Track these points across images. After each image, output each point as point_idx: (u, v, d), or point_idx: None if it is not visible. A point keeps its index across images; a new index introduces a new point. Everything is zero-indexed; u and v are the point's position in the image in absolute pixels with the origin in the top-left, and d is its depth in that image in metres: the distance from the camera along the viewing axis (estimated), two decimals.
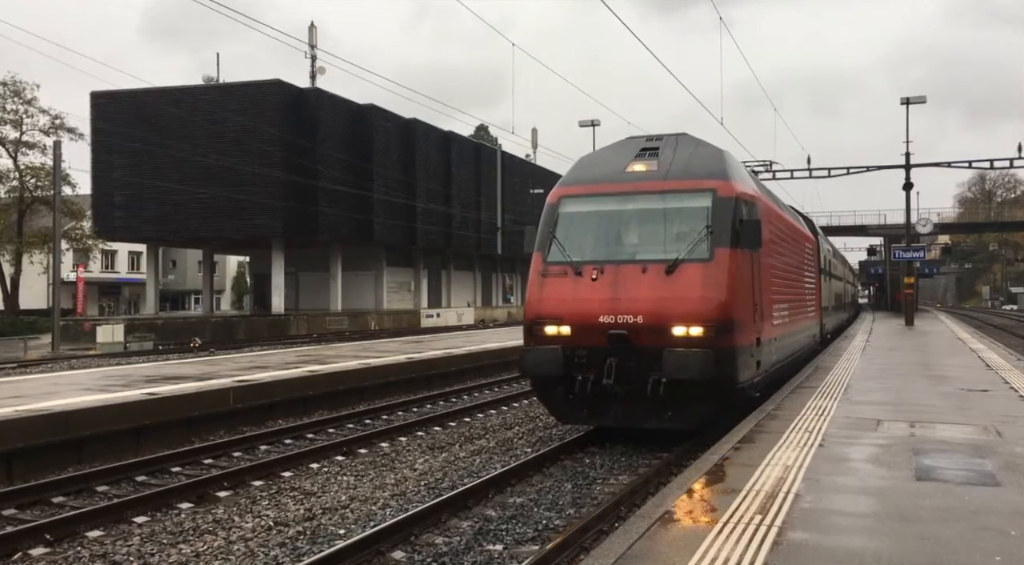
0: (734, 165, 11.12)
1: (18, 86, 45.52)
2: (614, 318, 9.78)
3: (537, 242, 10.82)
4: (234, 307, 77.45)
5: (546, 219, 10.94)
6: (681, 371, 9.29)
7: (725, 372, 9.53)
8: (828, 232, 47.38)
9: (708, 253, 9.81)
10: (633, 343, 9.68)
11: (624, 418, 10.08)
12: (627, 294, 9.81)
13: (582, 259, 10.34)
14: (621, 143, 11.92)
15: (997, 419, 9.36)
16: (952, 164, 37.61)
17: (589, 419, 10.61)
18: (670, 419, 9.80)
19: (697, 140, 11.44)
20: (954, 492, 6.12)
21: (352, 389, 15.99)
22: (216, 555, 6.91)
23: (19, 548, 7.22)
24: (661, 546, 4.94)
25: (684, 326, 9.53)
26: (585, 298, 10.01)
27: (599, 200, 10.84)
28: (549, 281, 10.42)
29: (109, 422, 11.01)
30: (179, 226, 43.14)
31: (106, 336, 33.68)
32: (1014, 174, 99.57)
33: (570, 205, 10.93)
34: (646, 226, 10.51)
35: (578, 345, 9.97)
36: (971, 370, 15.26)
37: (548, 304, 10.27)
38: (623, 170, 10.94)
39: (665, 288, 9.70)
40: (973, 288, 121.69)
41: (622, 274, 9.99)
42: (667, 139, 11.45)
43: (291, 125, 42.01)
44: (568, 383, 10.03)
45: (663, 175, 10.62)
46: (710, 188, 10.26)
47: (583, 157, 12.15)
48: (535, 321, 10.35)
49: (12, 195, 47.69)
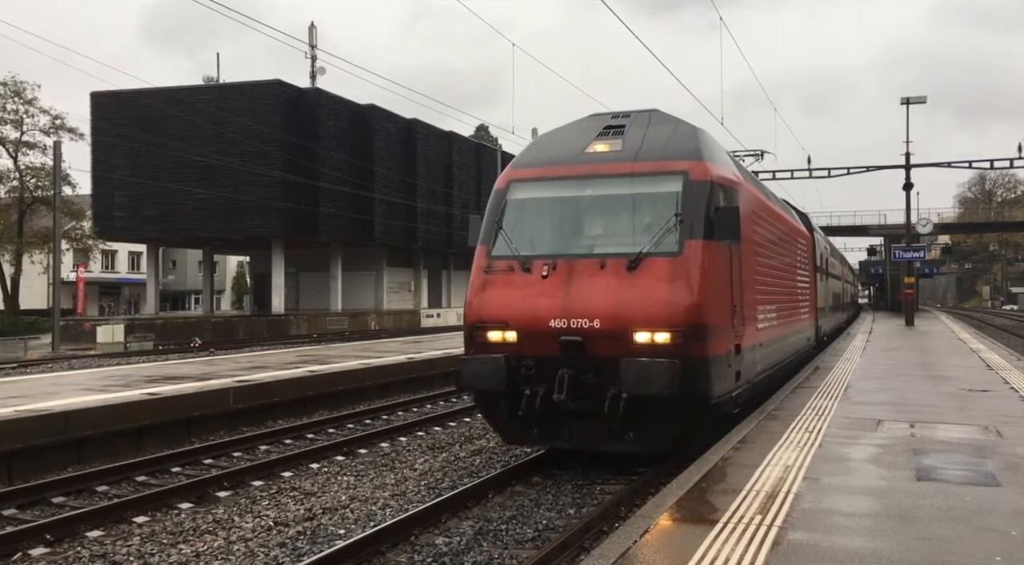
0: (710, 145, 9.80)
1: (19, 86, 45.61)
2: (567, 322, 8.40)
3: (481, 234, 9.43)
4: (234, 307, 77.44)
5: (492, 207, 9.57)
6: (642, 385, 7.91)
7: (695, 386, 8.15)
8: (828, 232, 47.39)
9: (676, 246, 8.46)
10: (589, 352, 8.33)
11: (579, 439, 8.75)
12: (582, 294, 8.47)
13: (532, 253, 8.99)
14: (583, 121, 10.50)
15: (997, 419, 9.36)
16: (952, 164, 37.64)
17: (539, 440, 9.27)
18: (632, 441, 8.46)
19: (670, 117, 10.07)
20: (954, 492, 6.12)
21: (352, 389, 15.98)
22: (216, 555, 6.91)
23: (19, 548, 7.23)
24: (661, 545, 4.94)
25: (647, 332, 8.18)
26: (533, 299, 8.65)
27: (553, 185, 9.45)
28: (493, 279, 9.03)
29: (109, 422, 11.01)
30: (179, 226, 43.14)
31: (106, 336, 33.68)
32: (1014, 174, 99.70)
33: (520, 191, 9.55)
34: (606, 215, 9.18)
35: (526, 354, 8.60)
36: (971, 370, 15.25)
37: (491, 306, 8.90)
38: (582, 151, 9.56)
39: (626, 287, 8.39)
40: (973, 288, 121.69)
41: (577, 270, 8.63)
42: (635, 116, 10.08)
43: (291, 125, 42.00)
44: (514, 398, 8.61)
45: (627, 156, 9.27)
46: (680, 170, 8.88)
47: (539, 137, 10.72)
48: (476, 326, 8.97)
49: (12, 195, 47.73)
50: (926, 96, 35.11)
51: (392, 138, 48.84)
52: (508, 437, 9.50)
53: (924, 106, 35.72)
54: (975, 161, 37.97)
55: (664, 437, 8.46)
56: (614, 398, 8.13)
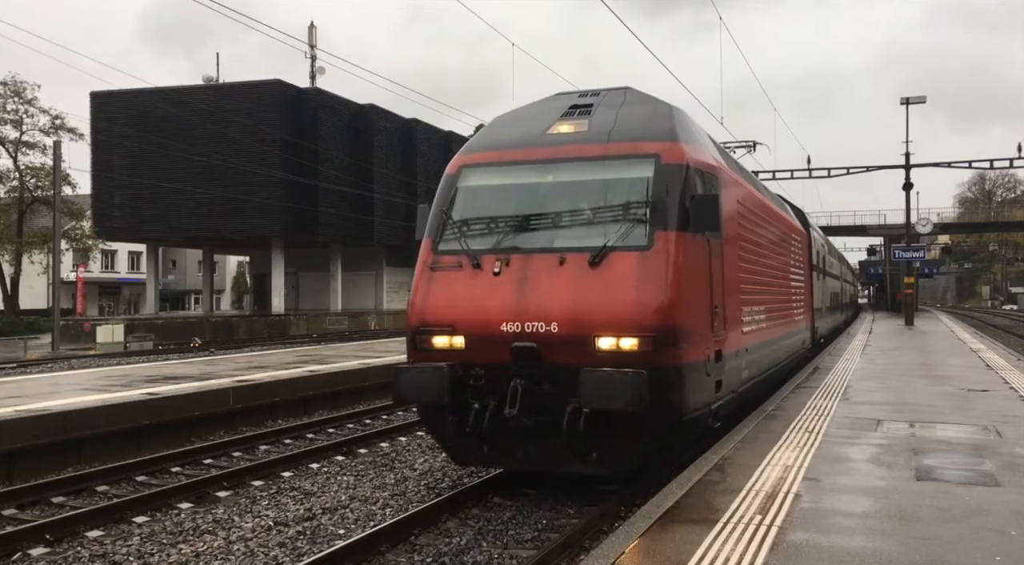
0: (687, 125, 8.85)
1: (18, 86, 45.59)
2: (520, 326, 7.49)
3: (428, 225, 8.56)
4: (234, 307, 77.41)
5: (441, 195, 8.68)
6: (604, 398, 6.97)
7: (667, 399, 7.23)
8: (828, 232, 47.38)
9: (646, 239, 7.55)
10: (546, 360, 7.41)
11: (536, 459, 7.79)
12: (538, 294, 7.55)
13: (483, 247, 8.04)
14: (547, 99, 9.55)
15: (997, 419, 9.36)
16: (952, 164, 37.65)
17: (491, 460, 8.30)
18: (595, 462, 7.54)
19: (645, 96, 9.12)
20: (954, 492, 6.12)
21: (352, 389, 15.99)
22: (216, 555, 6.91)
23: (19, 548, 7.23)
24: (661, 546, 4.94)
25: (611, 337, 7.29)
26: (483, 299, 7.74)
27: (509, 170, 8.49)
28: (439, 277, 8.10)
29: (109, 422, 11.01)
30: (179, 226, 43.12)
31: (106, 336, 33.67)
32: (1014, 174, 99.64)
33: (472, 177, 8.62)
34: (567, 204, 8.17)
35: (475, 362, 7.68)
36: (971, 370, 15.26)
37: (435, 307, 7.97)
38: (543, 132, 8.62)
39: (588, 286, 7.45)
40: (973, 288, 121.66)
41: (533, 267, 7.71)
42: (605, 95, 9.13)
43: (291, 125, 42.00)
44: (462, 413, 7.68)
45: (593, 138, 8.34)
46: (652, 153, 7.95)
47: (498, 117, 9.65)
48: (418, 330, 8.05)
49: (12, 195, 47.72)
50: (926, 96, 35.19)
51: (392, 138, 48.82)
52: (457, 457, 8.48)
53: (919, 107, 35.86)
54: (975, 161, 37.97)
55: (632, 457, 7.57)
56: (574, 413, 7.20)
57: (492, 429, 7.56)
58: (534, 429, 7.52)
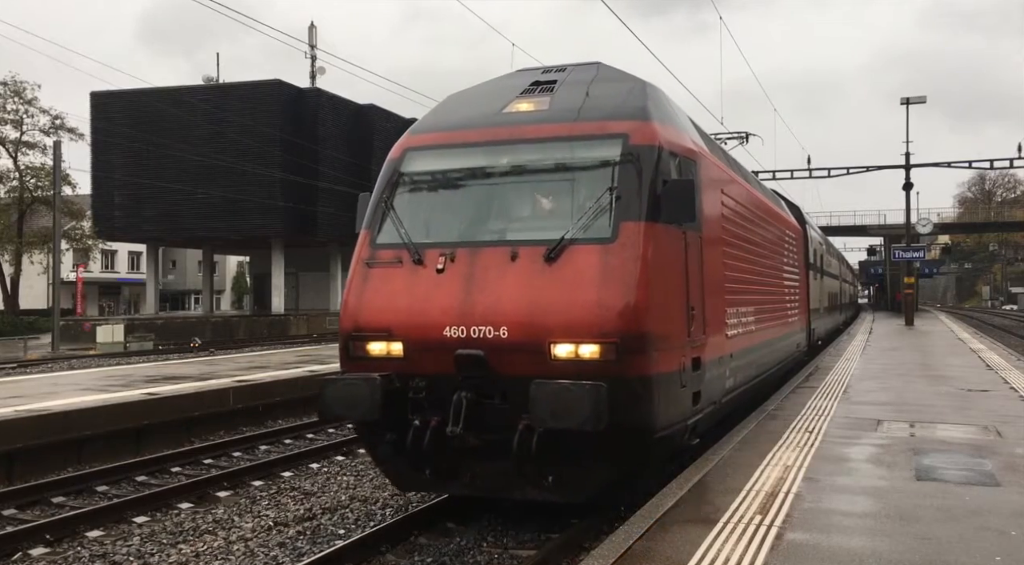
0: (662, 104, 7.86)
1: (19, 86, 45.61)
2: (465, 331, 6.58)
3: (366, 217, 7.64)
4: (234, 307, 77.42)
5: (382, 182, 7.73)
6: (557, 415, 6.06)
7: (633, 415, 6.35)
8: (828, 232, 47.40)
9: (610, 230, 6.64)
10: (494, 370, 6.52)
11: (484, 484, 6.88)
12: (486, 293, 6.64)
13: (426, 240, 7.13)
14: (508, 76, 8.67)
15: (997, 419, 9.36)
16: (952, 164, 37.66)
17: (433, 485, 7.31)
18: (551, 488, 6.62)
19: (618, 72, 8.20)
20: (954, 492, 6.12)
21: None
22: (216, 555, 6.92)
23: (19, 548, 7.23)
24: (661, 546, 4.94)
25: (569, 343, 6.39)
26: (425, 300, 6.80)
27: (458, 153, 7.53)
28: (376, 274, 7.15)
29: (109, 422, 11.01)
30: (179, 226, 43.14)
31: (106, 336, 33.67)
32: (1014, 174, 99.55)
33: (416, 161, 7.66)
34: (522, 191, 7.33)
35: (415, 372, 6.78)
36: (971, 370, 15.25)
37: (370, 309, 7.01)
38: (499, 111, 7.70)
39: (543, 284, 6.55)
40: (973, 288, 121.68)
41: (481, 263, 6.79)
42: (573, 70, 8.22)
43: (291, 125, 42.01)
44: (401, 430, 6.76)
45: (554, 117, 7.42)
46: (619, 133, 7.04)
47: (451, 95, 8.71)
48: (352, 335, 7.08)
49: (12, 195, 47.73)
50: (925, 96, 35.20)
51: (392, 138, 47.73)
52: (397, 480, 7.48)
53: (915, 108, 35.79)
54: (975, 161, 37.99)
55: (592, 483, 6.65)
56: (525, 432, 6.31)
57: (434, 449, 6.61)
58: (483, 449, 6.63)
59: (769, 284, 11.91)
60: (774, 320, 12.15)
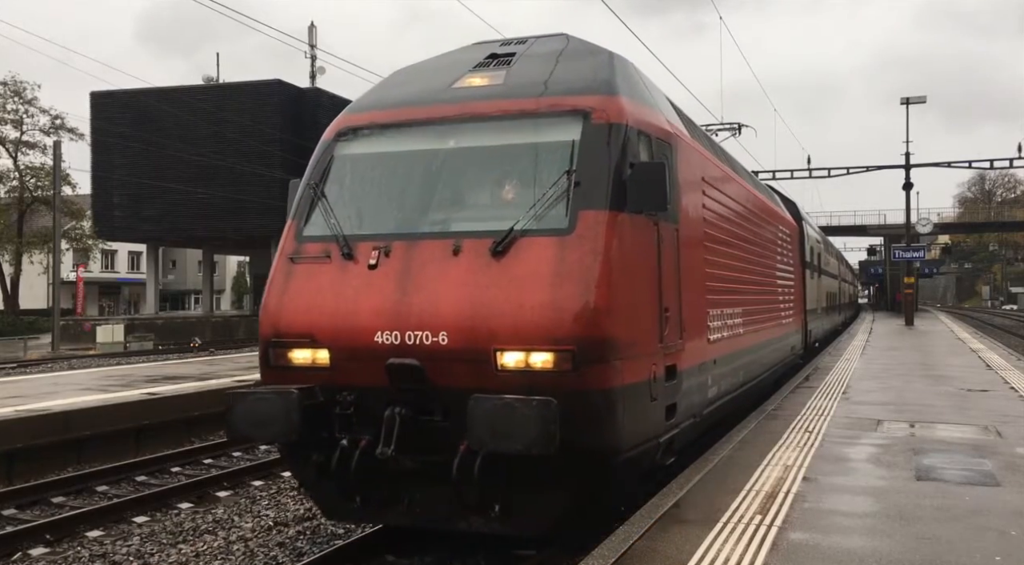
0: (632, 79, 7.00)
1: (19, 86, 45.70)
2: (399, 337, 5.78)
3: (294, 206, 6.79)
4: (234, 307, 77.40)
5: (312, 167, 6.91)
6: (498, 437, 5.25)
7: (591, 434, 5.55)
8: (828, 232, 47.40)
9: (566, 220, 5.83)
10: (433, 382, 5.75)
11: (423, 513, 6.04)
12: (424, 293, 5.83)
13: (358, 232, 6.30)
14: (464, 48, 7.85)
15: (997, 419, 9.36)
16: (952, 164, 37.68)
17: (367, 514, 6.43)
18: (499, 518, 5.76)
19: (583, 43, 7.34)
20: (954, 492, 6.12)
21: None
22: (216, 555, 6.92)
23: (19, 548, 7.24)
24: (661, 546, 4.94)
25: (519, 351, 5.60)
26: (354, 301, 5.98)
27: (398, 134, 6.70)
28: (300, 271, 6.31)
29: (109, 422, 11.01)
30: (179, 226, 43.14)
31: (106, 336, 33.69)
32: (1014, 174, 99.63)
33: (351, 143, 6.83)
34: (470, 175, 6.48)
35: (342, 384, 5.97)
36: (971, 370, 15.25)
37: (292, 312, 6.19)
38: (448, 86, 6.86)
39: (489, 282, 5.74)
40: (973, 288, 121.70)
41: (419, 258, 5.97)
42: (534, 42, 7.43)
43: (291, 125, 42.00)
44: (327, 451, 5.91)
45: (509, 92, 6.60)
46: (580, 109, 6.22)
47: (398, 70, 7.77)
48: (272, 341, 6.24)
49: (12, 195, 47.77)
50: (925, 96, 35.24)
51: None
52: (325, 509, 6.64)
53: (913, 108, 35.75)
54: (975, 161, 38.00)
55: (547, 513, 5.79)
56: (467, 454, 5.48)
57: (365, 474, 5.81)
58: (422, 473, 5.83)
59: (759, 283, 11.20)
60: (765, 322, 11.47)
